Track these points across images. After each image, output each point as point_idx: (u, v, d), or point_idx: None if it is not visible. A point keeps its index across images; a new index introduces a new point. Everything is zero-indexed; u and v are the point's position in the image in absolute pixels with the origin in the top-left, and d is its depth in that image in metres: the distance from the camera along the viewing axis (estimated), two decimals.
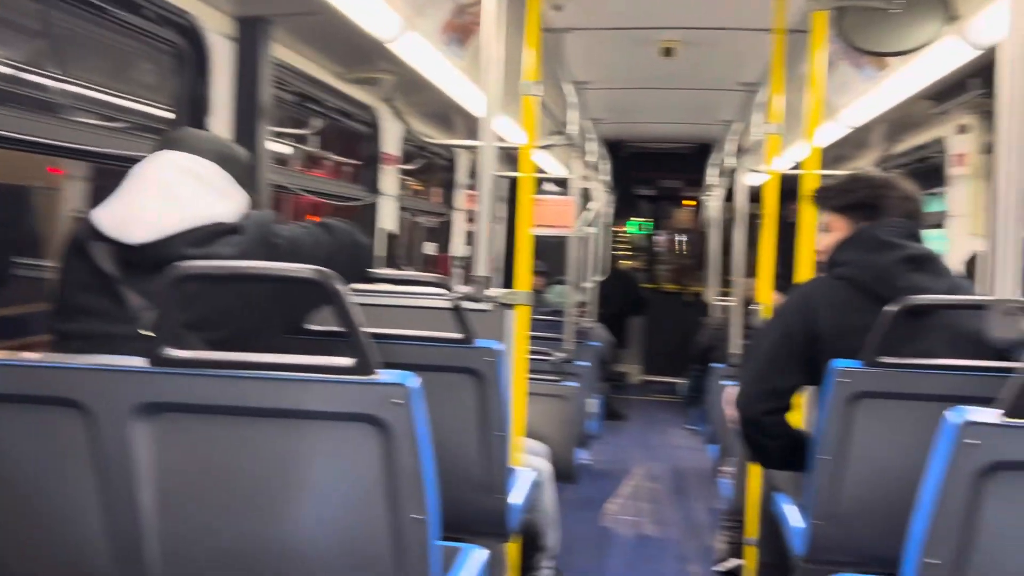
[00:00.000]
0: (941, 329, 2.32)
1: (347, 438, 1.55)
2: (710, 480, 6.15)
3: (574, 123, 5.52)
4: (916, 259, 2.37)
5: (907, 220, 2.46)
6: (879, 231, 2.42)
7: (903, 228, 2.43)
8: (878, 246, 2.40)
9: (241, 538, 1.61)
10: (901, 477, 2.13)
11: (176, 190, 1.88)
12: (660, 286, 11.35)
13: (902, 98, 4.61)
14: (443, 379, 2.34)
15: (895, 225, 2.43)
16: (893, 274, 2.34)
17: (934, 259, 2.42)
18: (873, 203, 2.51)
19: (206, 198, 1.91)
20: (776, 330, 2.51)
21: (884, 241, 2.40)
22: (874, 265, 2.38)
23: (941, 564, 1.40)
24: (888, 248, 2.38)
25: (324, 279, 1.50)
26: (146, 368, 1.55)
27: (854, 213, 2.54)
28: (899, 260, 2.36)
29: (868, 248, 2.41)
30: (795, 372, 2.46)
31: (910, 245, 2.40)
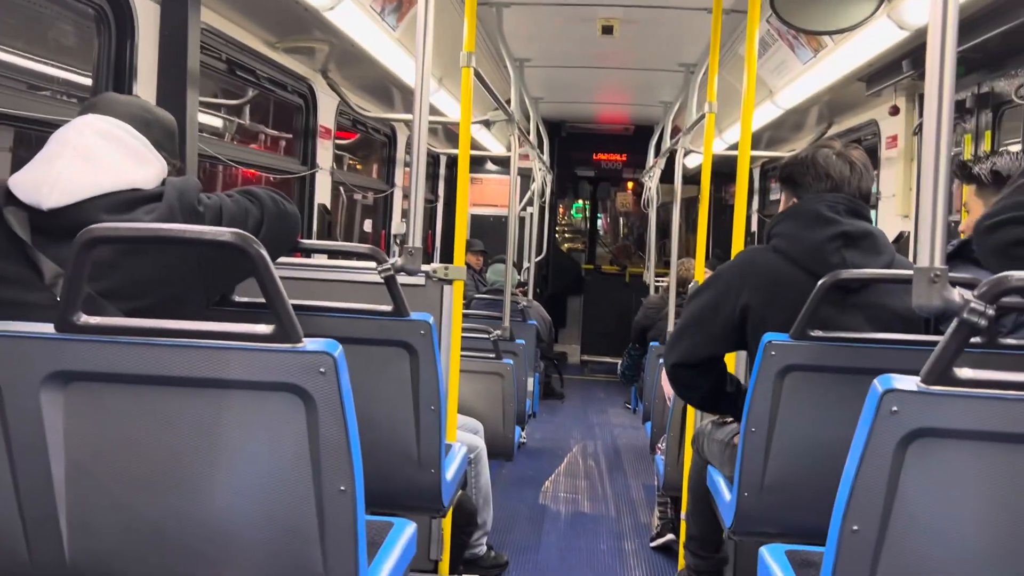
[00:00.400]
0: (871, 307, 2.34)
1: (270, 408, 1.51)
2: (646, 457, 6.22)
3: (514, 100, 5.49)
4: (851, 236, 2.35)
5: (851, 197, 2.41)
6: (819, 205, 2.40)
7: (846, 204, 2.39)
8: (814, 221, 2.38)
9: (159, 512, 1.56)
10: (828, 449, 2.16)
11: (92, 154, 1.80)
12: (600, 267, 11.43)
13: (836, 79, 4.68)
14: (376, 352, 2.31)
15: (838, 201, 2.40)
16: (826, 250, 2.34)
17: (872, 237, 2.38)
18: (793, 179, 2.52)
19: (123, 163, 1.83)
20: (707, 295, 2.52)
21: (821, 216, 2.38)
22: (807, 240, 2.38)
23: (864, 530, 1.42)
24: (824, 223, 2.37)
25: (245, 243, 1.45)
26: (55, 335, 1.48)
27: (786, 187, 2.56)
28: (833, 236, 2.35)
29: (805, 223, 2.40)
30: (718, 339, 2.48)
31: (847, 222, 2.36)
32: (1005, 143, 3.72)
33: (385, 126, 6.75)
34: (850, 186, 2.44)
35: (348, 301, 2.36)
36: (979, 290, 1.30)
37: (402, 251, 2.36)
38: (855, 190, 2.44)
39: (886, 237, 2.44)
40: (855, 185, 2.44)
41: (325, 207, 5.17)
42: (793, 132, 6.70)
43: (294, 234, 2.15)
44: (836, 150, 2.47)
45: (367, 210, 7.16)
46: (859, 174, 2.45)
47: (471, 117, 3.29)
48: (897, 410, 1.36)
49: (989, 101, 3.78)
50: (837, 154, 2.46)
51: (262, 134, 5.06)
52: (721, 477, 2.66)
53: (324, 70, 5.00)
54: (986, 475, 1.38)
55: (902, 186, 4.73)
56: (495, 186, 10.28)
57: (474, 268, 7.84)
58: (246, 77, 4.26)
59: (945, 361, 1.32)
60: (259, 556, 1.58)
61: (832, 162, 2.45)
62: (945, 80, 1.39)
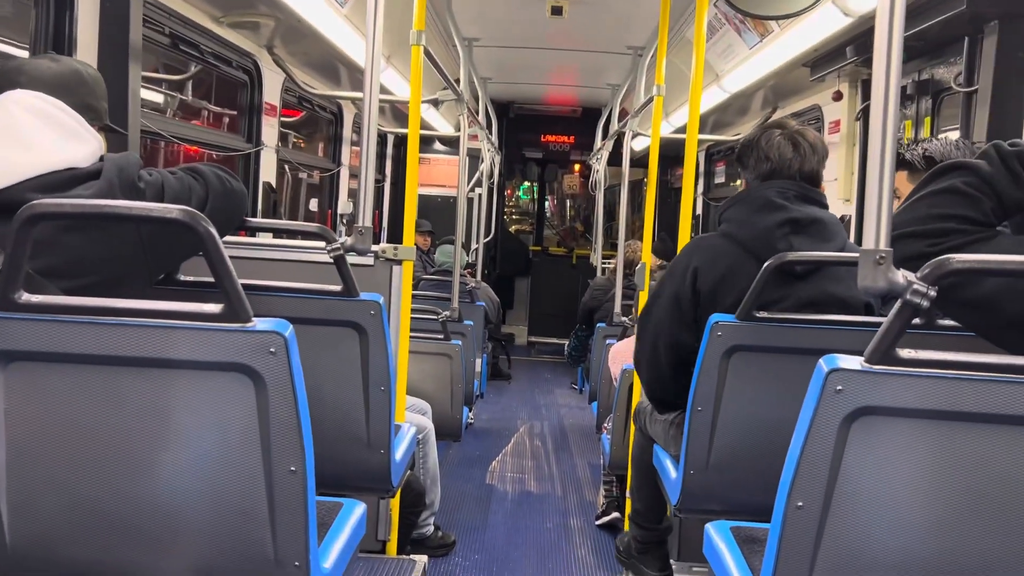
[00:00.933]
0: (815, 294, 2.37)
1: (219, 388, 1.49)
2: (592, 437, 6.28)
3: (463, 80, 5.45)
4: (799, 222, 2.37)
5: (802, 183, 2.42)
6: (769, 192, 2.41)
7: (796, 190, 2.40)
8: (763, 207, 2.40)
9: (105, 494, 1.53)
10: (772, 428, 2.21)
11: (24, 135, 1.73)
12: (547, 248, 11.46)
13: (782, 64, 4.74)
14: (325, 333, 2.29)
15: (788, 187, 2.41)
16: (774, 237, 2.36)
17: (821, 223, 2.40)
18: (741, 159, 2.54)
19: (57, 142, 1.76)
20: (666, 292, 2.54)
21: (770, 202, 2.39)
22: (755, 225, 2.40)
23: (809, 506, 1.45)
24: (772, 210, 2.38)
25: (192, 220, 1.42)
26: None
27: (738, 167, 2.59)
28: (781, 222, 2.37)
29: (754, 208, 2.42)
30: (686, 331, 2.48)
31: (796, 208, 2.38)
32: (943, 129, 3.81)
33: (332, 104, 6.66)
34: (790, 168, 2.43)
35: (296, 281, 2.33)
36: (922, 272, 1.33)
37: (350, 231, 2.33)
38: (795, 172, 2.43)
39: (839, 224, 2.46)
40: (796, 167, 2.43)
41: (270, 185, 5.09)
42: (739, 116, 6.78)
43: (240, 212, 2.11)
44: (785, 131, 2.47)
45: (313, 189, 7.07)
46: (803, 155, 2.43)
47: (421, 96, 3.26)
48: (842, 389, 1.39)
49: (929, 88, 3.87)
50: (783, 135, 2.46)
51: (205, 110, 4.96)
52: (667, 456, 2.70)
53: (270, 46, 4.91)
54: (926, 451, 1.42)
55: (844, 170, 4.82)
56: (443, 166, 10.23)
57: (422, 249, 7.80)
58: (189, 52, 4.16)
59: (888, 341, 1.35)
60: (208, 537, 1.56)
61: (775, 143, 2.45)
62: (892, 65, 1.42)
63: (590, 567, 4.05)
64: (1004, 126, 2.94)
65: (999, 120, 2.94)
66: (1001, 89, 2.96)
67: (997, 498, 1.43)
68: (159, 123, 3.99)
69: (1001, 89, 2.96)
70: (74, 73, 1.92)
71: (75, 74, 1.92)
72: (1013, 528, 1.44)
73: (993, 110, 2.96)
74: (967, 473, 1.43)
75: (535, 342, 11.03)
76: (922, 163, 2.49)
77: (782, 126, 2.50)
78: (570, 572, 3.98)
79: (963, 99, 3.27)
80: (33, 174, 1.71)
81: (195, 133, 4.57)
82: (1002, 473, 1.42)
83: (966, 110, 3.24)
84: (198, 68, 4.45)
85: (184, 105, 4.61)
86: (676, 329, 2.49)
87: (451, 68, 6.05)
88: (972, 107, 3.18)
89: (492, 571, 3.95)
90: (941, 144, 2.50)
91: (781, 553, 1.49)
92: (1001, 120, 2.94)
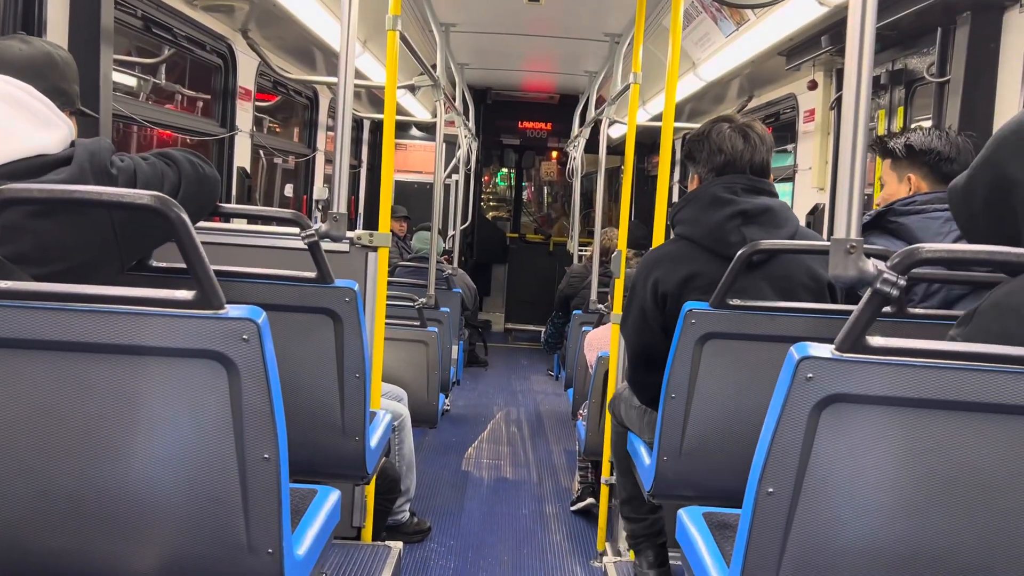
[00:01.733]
0: (777, 278, 2.40)
1: (191, 375, 1.48)
2: (568, 423, 6.31)
3: (440, 66, 5.43)
4: (749, 213, 2.41)
5: (749, 176, 2.45)
6: (715, 188, 2.44)
7: (743, 183, 2.44)
8: (711, 203, 2.43)
9: (76, 482, 1.52)
10: (744, 415, 2.23)
11: None
12: (524, 235, 11.47)
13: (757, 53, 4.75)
14: (299, 319, 2.28)
15: (735, 181, 2.44)
16: (726, 230, 2.40)
17: (771, 212, 2.43)
18: (692, 155, 2.56)
19: (26, 128, 1.73)
20: (634, 307, 2.57)
21: (718, 198, 2.43)
22: (707, 222, 2.43)
23: (779, 492, 1.47)
24: (721, 204, 2.42)
25: (164, 206, 1.40)
26: None
27: (688, 163, 2.61)
28: (731, 215, 2.40)
29: (703, 205, 2.45)
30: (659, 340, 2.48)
31: (744, 200, 2.41)
32: (916, 119, 3.85)
33: (307, 88, 6.61)
34: (743, 159, 2.46)
35: (270, 267, 2.32)
36: (892, 261, 1.34)
37: (325, 217, 2.32)
38: (747, 164, 2.46)
39: (789, 210, 2.50)
40: (747, 159, 2.46)
41: (245, 171, 5.05)
42: (714, 104, 6.80)
43: (213, 198, 2.09)
44: (733, 124, 2.50)
45: (288, 174, 7.02)
46: (752, 146, 2.47)
47: (396, 81, 3.25)
48: (812, 377, 1.40)
49: (902, 78, 3.89)
50: (732, 128, 2.49)
51: (179, 95, 4.90)
52: (640, 442, 2.72)
53: (244, 29, 4.86)
54: (895, 438, 1.44)
55: (818, 159, 4.85)
56: (420, 152, 10.20)
57: (398, 235, 7.78)
58: (162, 35, 4.11)
59: (859, 329, 1.37)
60: (180, 525, 1.55)
61: (725, 136, 2.48)
62: (864, 55, 1.43)
63: (565, 552, 4.08)
64: (976, 116, 2.97)
65: (971, 110, 2.97)
66: (973, 79, 2.98)
67: (963, 483, 1.45)
68: (132, 107, 3.95)
69: (973, 79, 2.98)
70: (45, 56, 1.89)
71: (46, 57, 1.89)
72: (978, 512, 1.46)
73: (965, 100, 2.99)
74: (935, 459, 1.45)
75: (512, 329, 11.05)
76: (903, 152, 2.53)
77: (730, 120, 2.54)
78: (545, 558, 4.00)
79: (936, 89, 3.30)
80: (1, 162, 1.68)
81: (168, 117, 4.53)
82: (969, 459, 1.44)
83: (939, 100, 3.27)
84: (171, 51, 4.40)
85: (157, 89, 4.56)
86: (648, 338, 2.53)
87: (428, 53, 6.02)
88: (945, 97, 3.21)
89: (467, 557, 3.96)
90: (921, 134, 2.53)
91: (752, 539, 1.51)
92: (973, 110, 2.97)
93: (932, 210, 2.41)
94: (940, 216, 2.39)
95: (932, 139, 2.48)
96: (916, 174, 2.52)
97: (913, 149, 2.51)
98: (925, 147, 2.48)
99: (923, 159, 2.50)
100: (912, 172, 2.52)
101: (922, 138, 2.50)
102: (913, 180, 2.52)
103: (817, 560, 1.51)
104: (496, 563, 3.91)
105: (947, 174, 2.45)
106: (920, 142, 2.50)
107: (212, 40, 4.61)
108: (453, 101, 6.78)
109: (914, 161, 2.51)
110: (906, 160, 2.53)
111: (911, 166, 2.52)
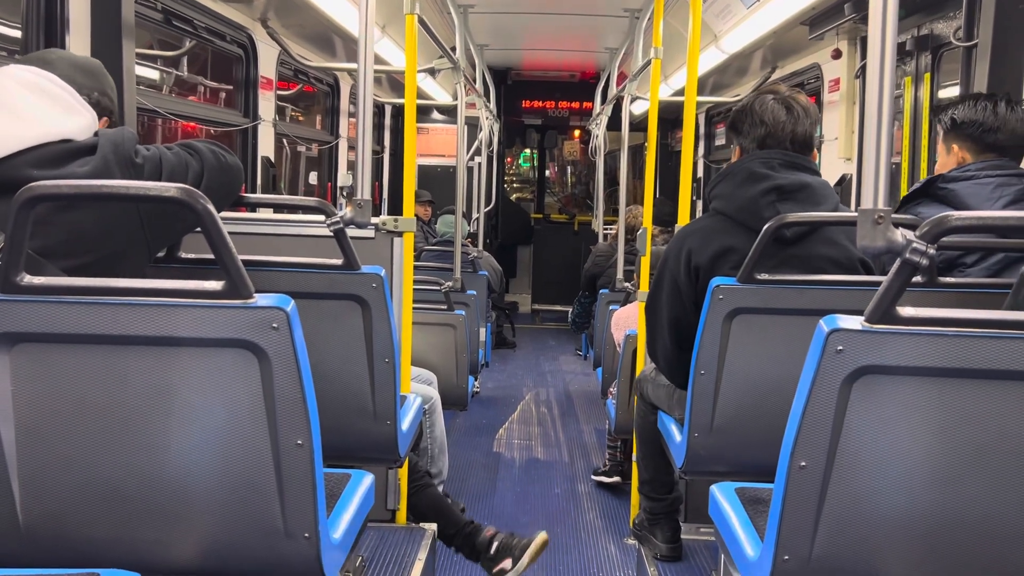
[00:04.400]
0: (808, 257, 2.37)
1: (224, 365, 1.50)
2: (598, 402, 6.31)
3: (459, 48, 5.41)
4: (784, 189, 2.37)
5: (787, 150, 2.42)
6: (752, 163, 2.42)
7: (781, 158, 2.41)
8: (747, 178, 2.41)
9: (114, 472, 1.55)
10: (775, 389, 2.22)
11: (16, 106, 1.72)
12: (549, 216, 11.44)
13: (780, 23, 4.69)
14: (328, 306, 2.30)
15: (772, 156, 2.41)
16: (760, 205, 2.37)
17: (809, 189, 2.40)
18: (735, 126, 2.54)
19: (50, 113, 1.75)
20: (666, 280, 2.55)
21: (754, 173, 2.40)
22: (742, 197, 2.41)
23: (812, 466, 1.47)
24: (757, 180, 2.39)
25: (191, 198, 1.42)
26: None
27: (731, 134, 2.58)
28: (766, 190, 2.37)
29: (739, 181, 2.43)
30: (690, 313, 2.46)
31: (781, 176, 2.38)
32: (944, 85, 3.79)
33: (328, 76, 6.62)
34: (784, 130, 2.43)
35: (296, 255, 2.34)
36: (920, 230, 1.33)
37: (350, 203, 2.33)
38: (789, 135, 2.43)
39: (829, 188, 2.46)
40: (790, 129, 2.43)
41: (269, 160, 5.08)
42: (738, 77, 6.72)
43: (236, 187, 2.11)
44: (777, 95, 2.47)
45: (312, 162, 7.05)
46: (795, 117, 2.43)
47: (416, 65, 3.24)
48: (842, 349, 1.40)
49: (928, 43, 3.83)
50: (776, 99, 2.46)
51: (201, 86, 4.93)
52: (671, 419, 2.71)
53: (263, 19, 4.87)
54: (926, 409, 1.43)
55: (844, 129, 4.79)
56: (442, 135, 10.18)
57: (422, 219, 7.79)
58: (183, 27, 4.13)
59: (888, 300, 1.36)
60: (217, 511, 1.58)
61: (768, 107, 2.45)
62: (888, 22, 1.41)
63: (598, 531, 4.09)
64: (1004, 80, 2.91)
65: (999, 74, 2.92)
66: (1001, 42, 2.93)
67: (997, 452, 1.45)
68: (155, 100, 3.98)
69: (1001, 42, 2.93)
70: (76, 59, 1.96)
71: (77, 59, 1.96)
72: (1012, 481, 1.46)
73: (993, 64, 2.93)
74: (968, 428, 1.44)
75: (539, 310, 11.06)
76: (948, 125, 2.52)
77: (774, 91, 2.50)
78: (578, 536, 4.02)
79: (963, 54, 3.24)
80: (25, 145, 1.69)
81: (191, 109, 4.56)
82: (1002, 427, 1.43)
83: (966, 65, 3.22)
84: (192, 44, 4.42)
85: (180, 81, 4.59)
86: (680, 312, 2.51)
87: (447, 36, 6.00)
88: (972, 62, 3.16)
89: None
90: (968, 106, 2.52)
91: (785, 513, 1.51)
92: (1001, 74, 2.92)
93: (983, 176, 2.40)
94: (991, 182, 2.38)
95: (976, 111, 2.48)
96: (960, 145, 2.51)
97: (956, 122, 2.51)
98: (967, 119, 2.48)
99: (967, 131, 2.49)
100: (956, 143, 2.52)
101: (966, 111, 2.50)
102: (957, 151, 2.52)
103: (851, 532, 1.51)
104: None
105: (991, 144, 2.45)
106: (963, 115, 2.50)
107: (232, 31, 4.63)
108: (473, 83, 6.76)
109: (959, 133, 2.51)
110: (952, 132, 2.53)
111: (956, 138, 2.52)
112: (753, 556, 1.70)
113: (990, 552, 1.50)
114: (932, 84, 3.81)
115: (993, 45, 2.93)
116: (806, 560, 1.52)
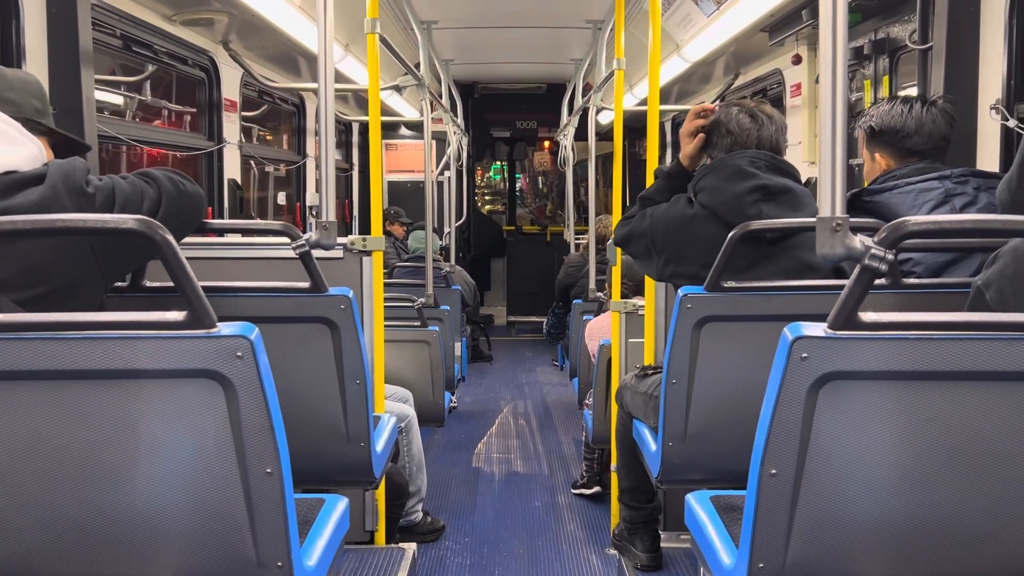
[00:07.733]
0: (784, 259, 2.40)
1: (188, 396, 1.48)
2: (575, 413, 6.31)
3: (423, 64, 5.42)
4: (769, 190, 2.41)
5: (772, 153, 2.50)
6: (741, 160, 2.47)
7: (767, 160, 2.47)
8: (733, 174, 2.45)
9: (81, 508, 1.52)
10: (746, 396, 2.22)
11: None
12: (521, 227, 11.46)
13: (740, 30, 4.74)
14: (297, 330, 2.28)
15: (760, 157, 2.47)
16: (745, 203, 2.40)
17: (792, 193, 2.44)
18: (708, 140, 2.61)
19: None
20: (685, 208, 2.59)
21: (741, 170, 2.44)
22: (726, 192, 2.44)
23: (782, 473, 1.47)
24: (744, 177, 2.43)
25: (149, 229, 1.40)
26: None
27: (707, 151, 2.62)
28: (751, 189, 2.40)
29: (726, 176, 2.46)
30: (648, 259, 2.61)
31: (766, 177, 2.43)
32: (903, 87, 3.83)
33: (293, 95, 6.60)
34: (750, 136, 2.52)
35: (266, 278, 2.32)
36: (878, 236, 1.34)
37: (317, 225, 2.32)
38: (755, 139, 2.52)
39: (810, 196, 2.48)
40: (755, 135, 2.52)
41: (236, 182, 5.04)
42: (701, 84, 6.78)
43: (197, 215, 2.08)
44: (742, 107, 2.57)
45: (280, 182, 7.01)
46: (760, 124, 2.53)
47: (379, 84, 3.24)
48: (807, 356, 1.40)
49: (886, 47, 3.88)
50: (740, 110, 2.56)
51: (165, 110, 4.90)
52: (646, 428, 2.72)
53: (225, 41, 4.85)
54: (893, 412, 1.44)
55: (807, 133, 4.84)
56: (411, 151, 10.18)
57: (396, 237, 7.78)
58: (143, 53, 4.11)
59: (850, 306, 1.37)
60: (188, 545, 1.56)
61: (733, 117, 2.55)
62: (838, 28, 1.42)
63: (579, 542, 4.09)
64: (960, 81, 2.96)
65: (955, 76, 2.96)
66: (955, 45, 2.97)
67: (966, 453, 1.46)
68: (117, 127, 3.94)
69: (955, 45, 2.97)
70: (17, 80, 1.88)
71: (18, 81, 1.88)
72: (982, 480, 1.47)
73: (949, 66, 2.97)
74: (935, 430, 1.45)
75: (515, 321, 11.05)
76: (867, 132, 2.55)
77: (740, 104, 2.60)
78: (560, 549, 4.01)
79: (919, 56, 3.28)
80: None
81: (154, 135, 4.52)
82: (968, 428, 1.44)
83: (923, 67, 3.26)
84: (154, 68, 4.39)
85: (143, 106, 4.55)
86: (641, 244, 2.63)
87: (411, 52, 6.01)
88: (928, 64, 3.20)
89: (483, 553, 3.97)
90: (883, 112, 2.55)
91: (758, 521, 1.51)
92: (957, 76, 2.96)
93: (904, 185, 2.41)
94: (911, 190, 2.39)
95: (892, 117, 2.49)
96: (881, 153, 2.53)
97: (875, 130, 2.53)
98: (885, 127, 2.50)
99: (885, 139, 2.51)
100: (877, 151, 2.54)
101: (882, 117, 2.51)
102: (880, 159, 2.54)
103: (824, 537, 1.52)
104: (512, 557, 3.92)
105: (911, 149, 2.47)
106: (880, 122, 2.51)
107: (194, 54, 4.60)
108: (440, 98, 6.76)
109: (879, 141, 2.53)
110: (873, 141, 2.56)
111: (877, 146, 2.54)
112: (729, 564, 1.71)
113: (961, 553, 1.52)
114: (891, 86, 3.86)
115: (948, 47, 2.97)
116: (780, 566, 1.53)
